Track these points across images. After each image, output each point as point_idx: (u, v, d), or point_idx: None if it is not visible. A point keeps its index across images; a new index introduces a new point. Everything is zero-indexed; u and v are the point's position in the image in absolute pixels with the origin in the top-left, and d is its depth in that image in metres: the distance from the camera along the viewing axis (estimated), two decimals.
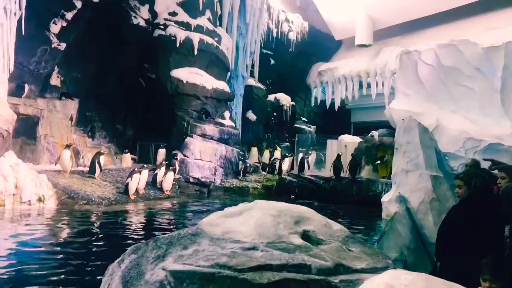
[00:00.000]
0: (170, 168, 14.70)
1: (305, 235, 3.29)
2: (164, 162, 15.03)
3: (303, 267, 2.84)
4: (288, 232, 3.22)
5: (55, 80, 15.88)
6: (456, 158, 10.60)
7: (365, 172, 15.73)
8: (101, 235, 8.74)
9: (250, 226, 3.18)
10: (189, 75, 17.18)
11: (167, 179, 14.41)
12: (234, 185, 16.77)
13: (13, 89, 13.43)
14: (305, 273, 2.79)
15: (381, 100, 20.83)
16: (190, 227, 3.38)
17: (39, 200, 11.38)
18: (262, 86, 23.43)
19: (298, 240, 3.17)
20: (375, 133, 16.33)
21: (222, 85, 18.17)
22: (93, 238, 8.45)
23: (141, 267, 2.91)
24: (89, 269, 6.43)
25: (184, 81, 17.01)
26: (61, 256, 7.03)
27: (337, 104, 24.43)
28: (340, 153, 15.83)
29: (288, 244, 3.09)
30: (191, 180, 16.13)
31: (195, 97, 17.30)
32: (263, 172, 18.54)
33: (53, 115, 15.08)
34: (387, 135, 15.88)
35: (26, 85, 14.48)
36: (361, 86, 22.95)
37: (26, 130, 14.09)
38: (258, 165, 19.18)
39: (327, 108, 25.01)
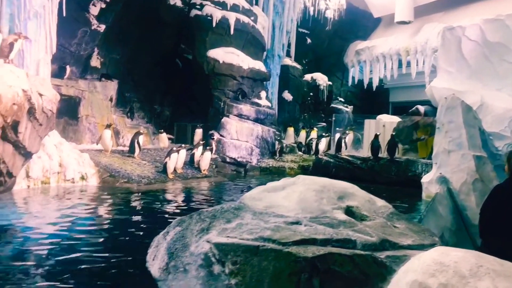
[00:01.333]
0: (207, 148, 14.83)
1: (349, 211, 3.25)
2: (201, 142, 15.17)
3: (348, 242, 2.80)
4: (331, 207, 3.19)
5: (95, 62, 16.20)
6: (501, 138, 10.21)
7: (404, 152, 15.41)
8: (142, 212, 8.97)
9: (293, 200, 3.17)
10: (225, 55, 17.17)
11: (204, 159, 14.57)
12: (271, 165, 16.80)
13: (55, 71, 13.77)
14: (350, 248, 2.76)
15: (421, 79, 20.21)
16: (232, 201, 3.40)
17: (82, 178, 11.75)
18: (298, 66, 23.19)
19: (341, 216, 3.13)
20: (421, 108, 15.89)
21: (258, 65, 18.09)
22: (135, 214, 8.68)
23: (185, 239, 2.95)
24: (132, 242, 6.63)
25: (221, 61, 17.02)
26: (105, 231, 7.27)
27: (375, 83, 23.85)
28: (378, 133, 15.53)
29: (331, 219, 3.05)
30: (228, 160, 16.25)
31: (231, 77, 17.30)
32: (300, 152, 18.49)
33: (93, 96, 15.45)
34: (431, 111, 15.45)
35: (67, 66, 14.85)
36: (400, 64, 22.30)
37: (68, 110, 14.50)
38: (295, 145, 19.12)
39: (365, 87, 24.51)
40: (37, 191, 10.50)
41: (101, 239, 6.63)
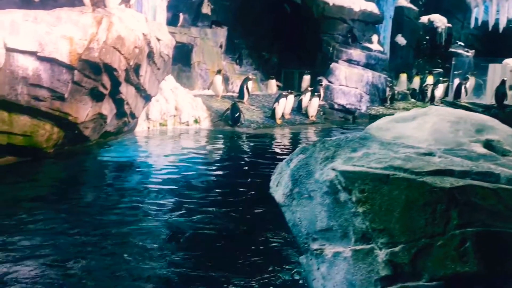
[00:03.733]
0: (315, 94, 14.63)
1: (488, 145, 2.94)
2: (309, 88, 14.99)
3: (489, 175, 2.53)
4: (468, 140, 2.90)
5: (206, 9, 16.46)
6: None
7: None
8: (252, 153, 9.16)
9: (425, 131, 2.93)
10: None
11: (312, 105, 14.43)
12: (380, 112, 16.10)
13: (169, 18, 14.25)
14: (492, 182, 2.49)
15: None
16: (357, 131, 3.26)
17: (195, 121, 12.29)
18: (414, 7, 21.49)
19: (480, 149, 2.84)
20: None
21: (371, 7, 17.10)
22: (246, 155, 8.92)
23: (309, 166, 2.89)
24: (249, 174, 6.87)
25: (330, 4, 16.36)
26: (219, 168, 7.58)
27: (502, 24, 21.44)
28: (505, 79, 14.04)
29: (469, 152, 2.78)
30: (336, 106, 15.91)
31: (342, 20, 16.61)
32: (412, 100, 17.50)
33: (205, 43, 15.81)
34: None
35: (180, 14, 15.30)
36: None
37: (182, 57, 15.01)
38: (407, 92, 18.10)
39: (489, 29, 22.13)
40: (156, 132, 11.24)
41: (218, 174, 6.94)
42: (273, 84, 16.64)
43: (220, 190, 6.01)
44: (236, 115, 12.52)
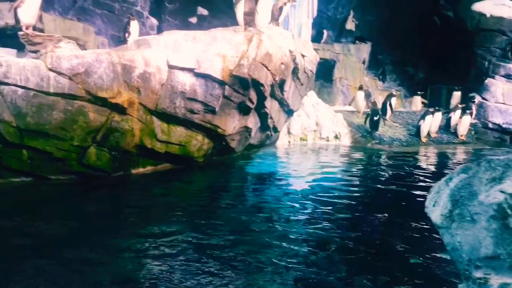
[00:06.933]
0: (467, 111, 13.56)
1: None
2: (459, 105, 13.95)
3: None
4: None
5: (350, 25, 16.42)
6: None
7: None
8: (394, 171, 8.75)
9: None
10: (494, 7, 15.16)
11: (463, 123, 13.41)
12: None
13: (313, 35, 14.49)
14: None
15: None
16: None
17: (336, 137, 12.23)
18: None
19: None
20: None
21: None
22: (388, 173, 8.56)
23: (473, 187, 2.63)
24: (391, 195, 6.59)
25: (488, 15, 15.11)
26: (359, 184, 7.40)
27: None
28: None
29: None
30: (490, 125, 14.55)
31: (500, 33, 15.20)
32: None
33: (347, 59, 15.75)
34: None
35: (324, 31, 15.47)
36: None
37: (324, 73, 15.13)
38: None
39: None
40: (296, 146, 11.43)
41: (359, 191, 6.78)
42: (418, 100, 15.88)
43: (362, 207, 5.86)
44: (376, 118, 12.17)
